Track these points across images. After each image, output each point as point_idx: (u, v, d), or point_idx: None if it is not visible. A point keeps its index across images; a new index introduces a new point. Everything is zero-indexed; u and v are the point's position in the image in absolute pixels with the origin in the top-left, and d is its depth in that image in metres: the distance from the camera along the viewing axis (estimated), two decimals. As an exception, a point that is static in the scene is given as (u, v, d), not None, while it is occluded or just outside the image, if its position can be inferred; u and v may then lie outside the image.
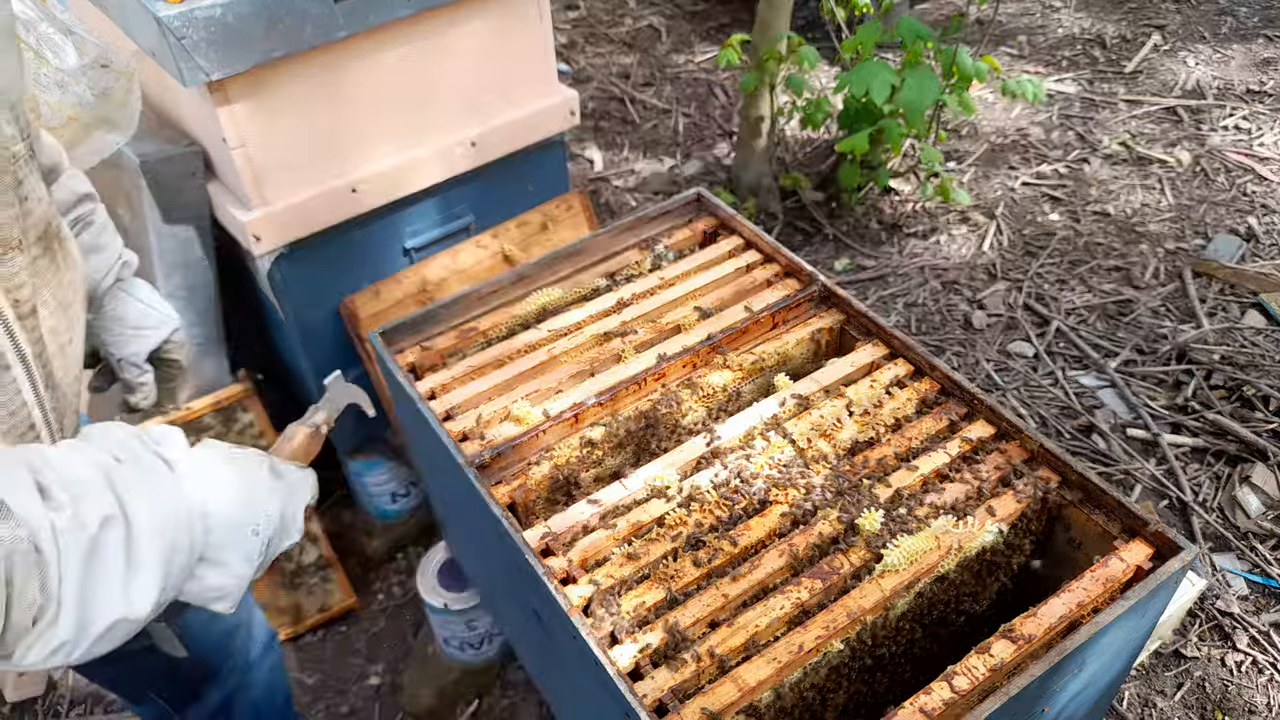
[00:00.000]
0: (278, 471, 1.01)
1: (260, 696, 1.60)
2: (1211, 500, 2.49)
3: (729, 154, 3.84)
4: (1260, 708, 2.10)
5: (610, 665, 1.15)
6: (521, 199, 2.33)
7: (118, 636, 0.80)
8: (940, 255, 3.35)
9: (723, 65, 3.27)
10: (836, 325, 1.68)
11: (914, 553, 1.28)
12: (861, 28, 3.17)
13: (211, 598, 0.93)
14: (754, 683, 1.17)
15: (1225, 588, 2.31)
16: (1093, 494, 1.36)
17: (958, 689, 1.14)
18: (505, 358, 1.62)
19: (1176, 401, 2.72)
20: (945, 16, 4.68)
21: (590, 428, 1.52)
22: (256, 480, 0.97)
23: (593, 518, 1.38)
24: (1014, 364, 2.93)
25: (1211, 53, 4.31)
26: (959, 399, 1.52)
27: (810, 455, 1.44)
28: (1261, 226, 3.35)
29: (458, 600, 2.07)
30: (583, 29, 4.72)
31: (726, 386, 1.57)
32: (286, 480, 1.01)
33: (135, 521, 0.80)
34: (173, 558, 0.83)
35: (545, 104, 2.22)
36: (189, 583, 0.89)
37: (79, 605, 0.76)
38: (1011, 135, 3.88)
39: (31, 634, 0.75)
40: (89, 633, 0.77)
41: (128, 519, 0.79)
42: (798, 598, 1.25)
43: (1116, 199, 3.54)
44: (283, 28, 1.74)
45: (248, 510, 0.93)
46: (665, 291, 1.73)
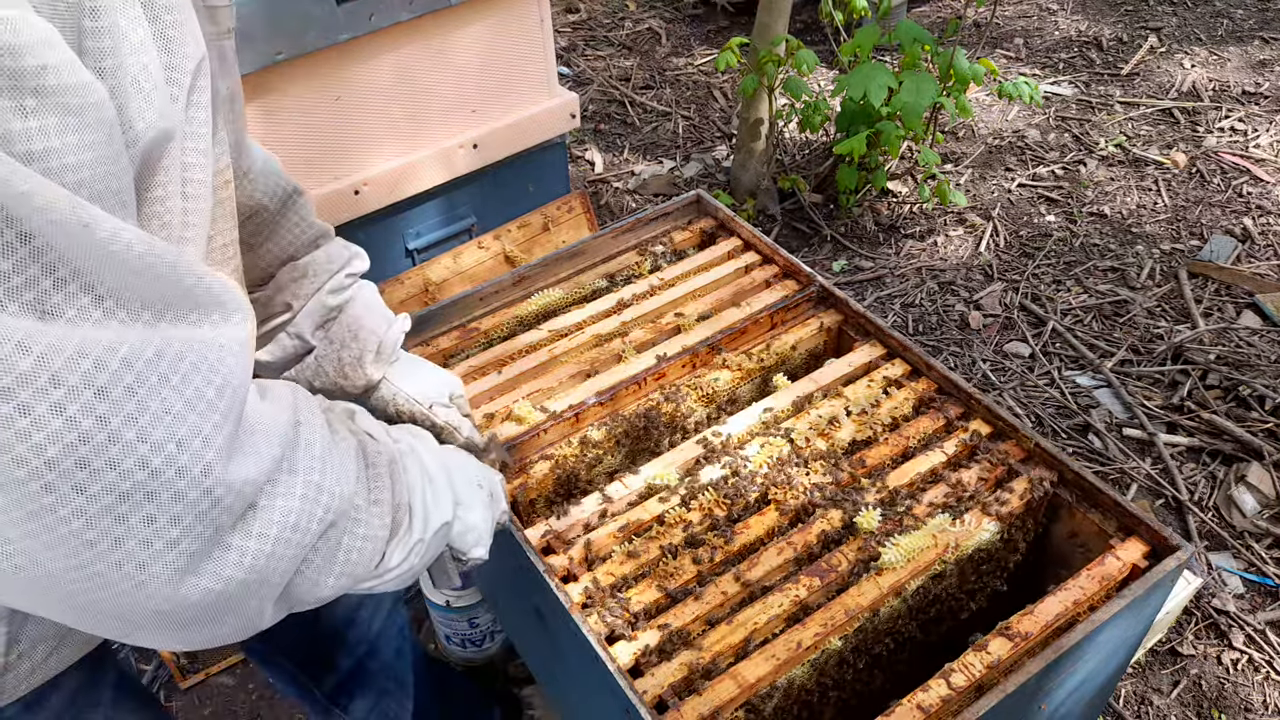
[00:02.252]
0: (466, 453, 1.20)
1: (390, 659, 1.64)
2: (1207, 499, 2.50)
3: (728, 156, 3.85)
4: (1256, 705, 2.12)
5: (611, 662, 1.17)
6: (523, 200, 2.34)
7: (438, 542, 1.00)
8: (937, 256, 3.36)
9: (722, 68, 3.28)
10: (834, 326, 1.70)
11: (911, 551, 1.29)
12: (859, 31, 3.18)
13: (473, 540, 1.09)
14: (753, 679, 1.18)
15: (1221, 586, 2.32)
16: (1089, 493, 1.37)
17: (955, 686, 1.15)
18: (506, 358, 1.64)
19: (1172, 401, 2.74)
20: (943, 19, 4.69)
21: (591, 427, 1.53)
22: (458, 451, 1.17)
23: (593, 516, 1.40)
24: (1010, 364, 2.94)
25: (1207, 55, 4.32)
26: (956, 399, 1.53)
27: (808, 454, 1.46)
28: (1257, 227, 3.37)
29: (459, 597, 2.08)
30: (583, 32, 4.73)
31: (725, 386, 1.59)
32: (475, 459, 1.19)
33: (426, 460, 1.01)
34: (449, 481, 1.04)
35: (546, 106, 2.24)
36: (456, 523, 1.05)
37: (423, 509, 0.96)
38: (1008, 137, 3.90)
39: (398, 535, 0.92)
40: (428, 532, 0.96)
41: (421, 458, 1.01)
42: (796, 595, 1.26)
43: (1112, 200, 3.55)
44: (285, 30, 1.75)
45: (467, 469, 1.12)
46: (665, 292, 1.74)
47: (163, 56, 0.73)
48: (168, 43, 0.73)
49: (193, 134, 0.79)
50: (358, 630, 1.58)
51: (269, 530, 0.73)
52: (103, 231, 0.61)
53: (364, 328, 1.27)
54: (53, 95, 0.59)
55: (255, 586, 0.74)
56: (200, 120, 0.80)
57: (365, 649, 1.60)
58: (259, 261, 1.24)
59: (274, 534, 0.74)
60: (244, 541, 0.72)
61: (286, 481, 0.76)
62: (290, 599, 0.82)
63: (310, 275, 1.24)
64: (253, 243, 1.22)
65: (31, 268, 0.57)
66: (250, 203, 1.19)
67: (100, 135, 0.62)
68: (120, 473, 0.62)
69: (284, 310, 1.25)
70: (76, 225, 0.59)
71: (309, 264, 1.25)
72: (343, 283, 1.27)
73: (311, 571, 0.81)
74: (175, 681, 2.23)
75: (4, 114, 0.57)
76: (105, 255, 0.61)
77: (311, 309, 1.25)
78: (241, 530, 0.71)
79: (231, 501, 0.69)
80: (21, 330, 0.57)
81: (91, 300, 0.61)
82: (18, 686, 0.95)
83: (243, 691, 2.24)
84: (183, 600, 0.69)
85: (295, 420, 0.80)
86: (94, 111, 0.62)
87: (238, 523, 0.71)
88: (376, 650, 1.61)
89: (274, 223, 1.22)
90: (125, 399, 0.62)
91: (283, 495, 0.75)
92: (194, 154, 0.79)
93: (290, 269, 1.24)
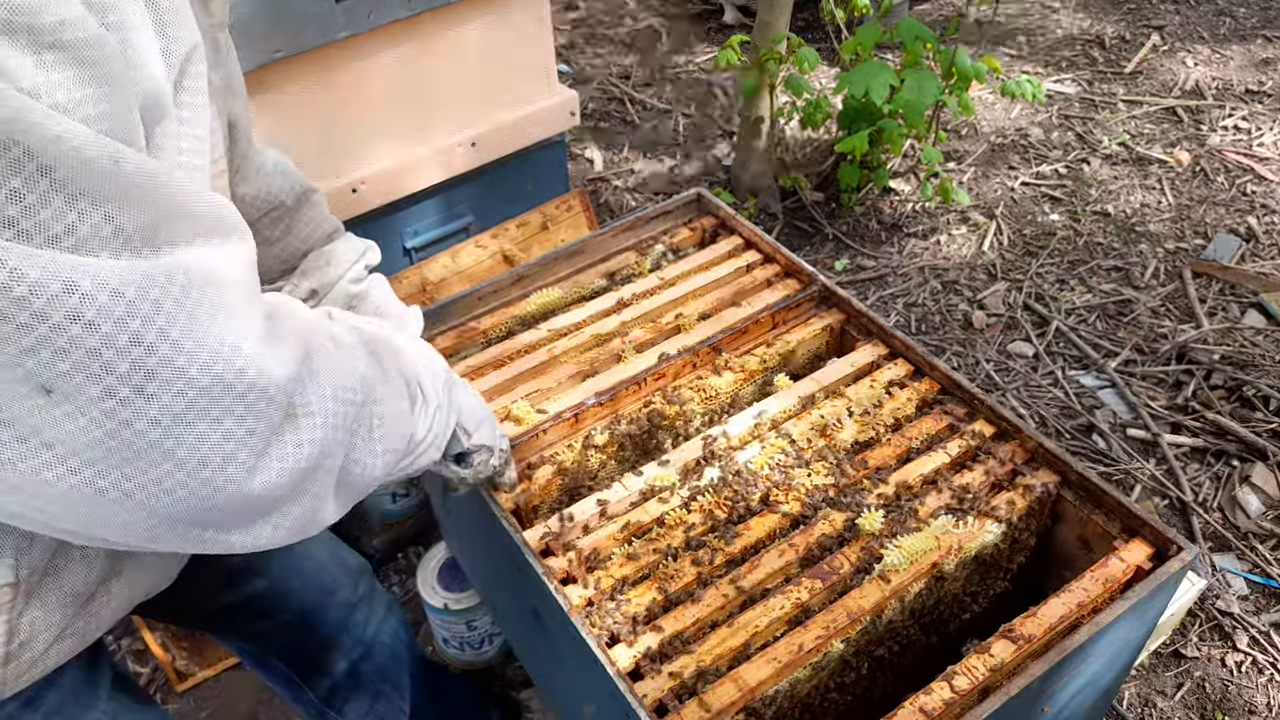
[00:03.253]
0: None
1: (385, 662, 1.65)
2: (1211, 500, 2.49)
3: (729, 154, 3.84)
4: (1260, 708, 2.10)
5: (610, 665, 1.16)
6: (521, 199, 2.33)
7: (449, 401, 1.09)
8: (940, 255, 3.35)
9: (722, 66, 3.27)
10: (836, 325, 1.68)
11: (914, 553, 1.28)
12: (861, 28, 3.17)
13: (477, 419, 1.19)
14: (754, 683, 1.17)
15: (1225, 588, 2.31)
16: (1093, 494, 1.36)
17: (958, 689, 1.14)
18: (505, 358, 1.63)
19: (1176, 401, 2.72)
20: (945, 17, 4.68)
21: (590, 428, 1.52)
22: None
23: (593, 518, 1.38)
24: (1014, 364, 2.93)
25: (1210, 53, 4.31)
26: (959, 399, 1.52)
27: (810, 455, 1.44)
28: (1261, 226, 3.35)
29: (458, 600, 2.07)
30: (583, 30, 4.72)
31: (727, 387, 1.57)
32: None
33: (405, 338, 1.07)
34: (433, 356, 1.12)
35: (545, 104, 2.23)
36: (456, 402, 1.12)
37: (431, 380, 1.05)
38: (1011, 135, 3.88)
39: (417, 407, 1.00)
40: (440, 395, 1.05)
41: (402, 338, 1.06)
42: (798, 598, 1.25)
43: (1116, 199, 3.54)
44: (284, 28, 1.74)
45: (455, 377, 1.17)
46: (665, 291, 1.73)
47: (158, 39, 0.75)
48: (163, 26, 0.75)
49: (186, 119, 0.80)
50: (351, 633, 1.57)
51: (315, 419, 0.79)
52: (130, 165, 0.64)
53: (385, 315, 1.34)
54: (71, 49, 0.61)
55: (314, 475, 0.80)
56: (195, 105, 0.82)
57: (359, 652, 1.59)
58: (279, 254, 1.30)
59: (319, 420, 0.79)
60: (295, 433, 0.77)
61: (313, 374, 0.80)
62: (347, 487, 0.88)
63: (334, 264, 1.31)
64: (270, 236, 1.28)
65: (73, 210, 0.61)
66: (269, 198, 1.25)
67: (115, 88, 0.65)
68: (188, 379, 0.67)
69: (310, 297, 1.32)
70: (108, 162, 0.62)
71: (332, 252, 1.32)
72: (361, 273, 1.34)
73: (358, 454, 0.87)
74: (171, 685, 2.22)
75: (28, 69, 0.59)
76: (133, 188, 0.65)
77: (335, 296, 1.32)
78: (291, 424, 0.77)
79: (280, 397, 0.75)
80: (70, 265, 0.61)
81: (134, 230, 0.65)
82: (19, 678, 0.95)
83: (240, 694, 2.23)
84: (254, 492, 0.74)
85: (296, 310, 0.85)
86: (109, 65, 0.64)
87: (287, 418, 0.77)
88: (371, 653, 1.61)
89: (291, 218, 1.28)
90: (177, 312, 0.66)
91: (314, 389, 0.80)
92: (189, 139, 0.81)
93: (315, 256, 1.31)
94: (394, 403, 0.94)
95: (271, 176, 1.25)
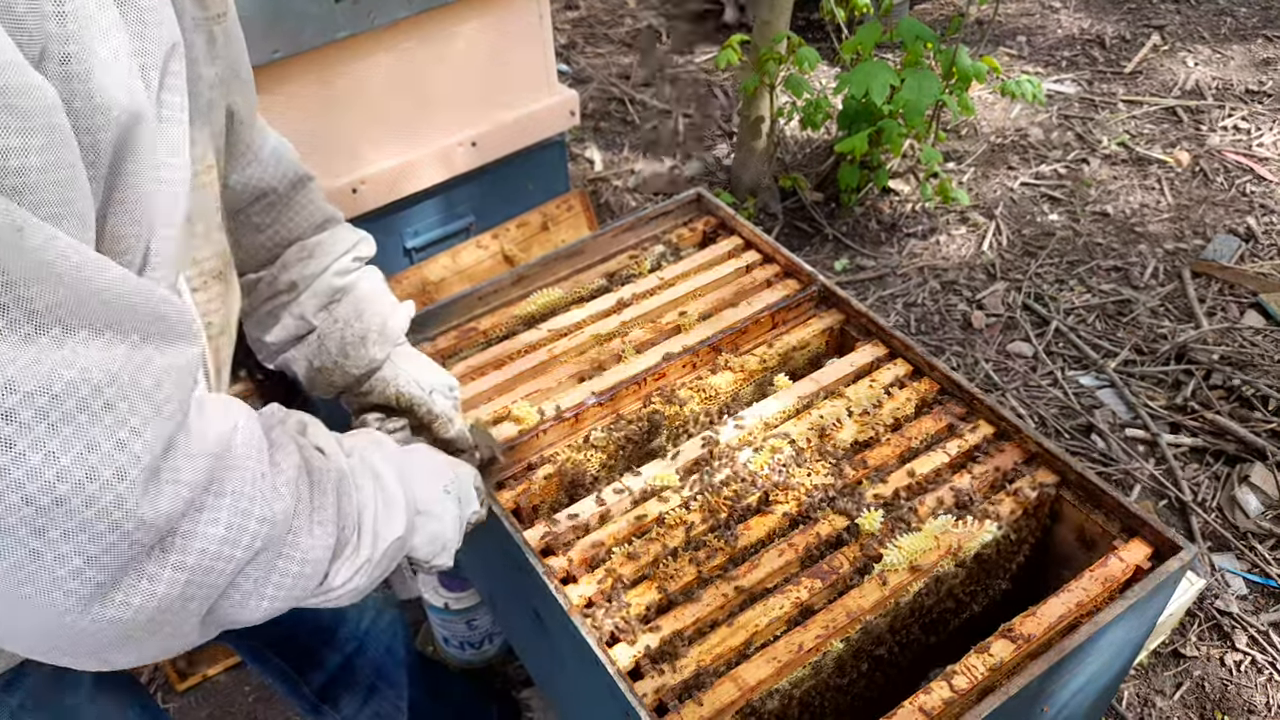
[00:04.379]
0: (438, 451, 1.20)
1: (380, 655, 1.64)
2: (1210, 500, 2.49)
3: (729, 154, 3.84)
4: (1259, 707, 2.11)
5: (610, 665, 1.16)
6: (522, 199, 2.33)
7: (389, 560, 0.97)
8: (939, 255, 3.35)
9: (722, 66, 3.27)
10: (836, 325, 1.69)
11: (914, 552, 1.28)
12: (861, 28, 3.17)
13: (435, 548, 1.09)
14: (754, 682, 1.17)
15: (1224, 587, 2.31)
16: (1092, 494, 1.36)
17: (957, 688, 1.14)
18: (505, 358, 1.63)
19: (1175, 401, 2.72)
20: (945, 17, 4.68)
21: (590, 428, 1.52)
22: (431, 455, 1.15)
23: (593, 518, 1.39)
24: (1013, 364, 2.93)
25: (1211, 53, 4.31)
26: (958, 399, 1.52)
27: (810, 455, 1.44)
28: (1260, 226, 3.35)
29: (458, 599, 2.08)
30: (583, 29, 4.72)
31: (726, 386, 1.58)
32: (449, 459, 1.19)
33: (381, 470, 0.98)
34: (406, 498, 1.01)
35: (545, 104, 2.23)
36: (415, 536, 1.05)
37: (373, 529, 0.94)
38: (1011, 135, 3.88)
39: (344, 555, 0.91)
40: (377, 551, 0.94)
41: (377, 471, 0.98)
42: (797, 597, 1.25)
43: (1116, 199, 3.54)
44: (283, 28, 1.74)
45: (434, 474, 1.10)
46: (665, 292, 1.73)
47: (134, 41, 0.71)
48: (142, 26, 0.72)
49: (167, 119, 0.78)
50: (346, 627, 1.58)
51: (186, 559, 0.71)
52: (36, 239, 0.57)
53: (369, 308, 1.27)
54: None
55: (171, 614, 0.72)
56: (175, 105, 0.78)
57: (354, 646, 1.59)
58: (266, 243, 1.24)
59: (191, 563, 0.71)
60: (158, 571, 0.69)
61: (213, 506, 0.73)
62: (219, 619, 0.80)
63: (317, 256, 1.25)
64: (260, 223, 1.23)
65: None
66: (260, 184, 1.19)
67: (48, 140, 0.59)
68: (25, 497, 0.60)
69: (288, 290, 1.25)
70: (10, 230, 0.56)
71: (316, 245, 1.25)
72: (349, 265, 1.27)
73: (240, 595, 0.79)
74: (172, 683, 2.23)
75: None
76: (36, 264, 0.58)
77: (317, 289, 1.25)
78: (156, 560, 0.69)
79: (143, 535, 0.67)
80: None
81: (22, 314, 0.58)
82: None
83: (239, 693, 2.23)
84: (91, 627, 0.67)
85: (230, 442, 0.77)
86: (43, 116, 0.59)
87: (152, 552, 0.68)
88: (365, 648, 1.61)
89: (282, 205, 1.23)
90: (35, 422, 0.59)
91: (206, 523, 0.72)
92: (169, 140, 0.78)
93: (298, 249, 1.24)
94: (309, 549, 0.85)
95: (266, 163, 1.19)
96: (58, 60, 0.62)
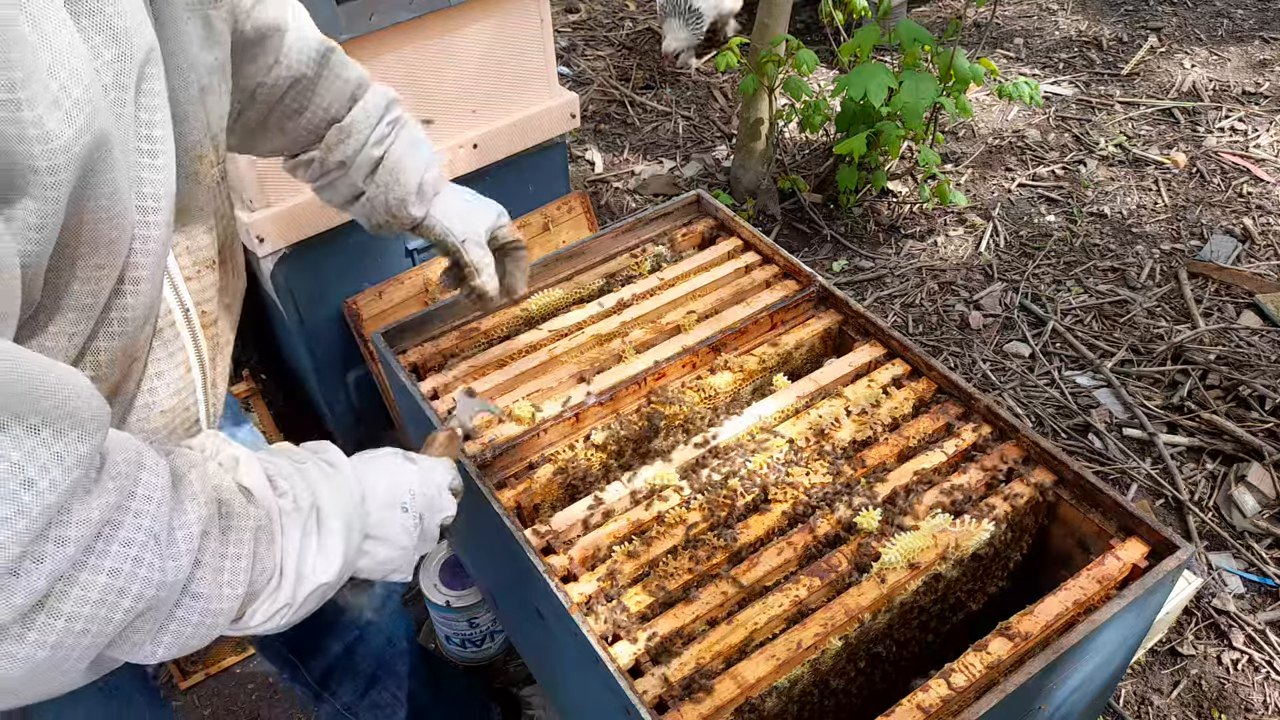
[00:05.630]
0: (411, 458, 1.16)
1: (381, 644, 1.67)
2: (1207, 499, 2.50)
3: (728, 156, 3.85)
4: (1256, 705, 2.12)
5: (610, 662, 1.17)
6: (522, 201, 2.34)
7: (314, 601, 0.95)
8: (937, 256, 3.36)
9: (722, 68, 3.28)
10: (834, 326, 1.70)
11: (911, 551, 1.29)
12: (859, 31, 3.18)
13: (387, 570, 1.08)
14: (753, 680, 1.18)
15: (1221, 586, 2.32)
16: (1089, 493, 1.37)
17: (955, 686, 1.15)
18: (506, 358, 1.64)
19: (1172, 401, 2.74)
20: (943, 19, 4.69)
21: (591, 428, 1.53)
22: (395, 468, 1.12)
23: (594, 516, 1.39)
24: (1010, 364, 2.94)
25: (1208, 55, 4.32)
26: (956, 399, 1.53)
27: (809, 455, 1.45)
28: (1257, 227, 3.37)
29: (460, 598, 2.09)
30: (583, 32, 4.73)
31: (726, 386, 1.59)
32: (420, 465, 1.16)
33: (324, 507, 0.96)
34: (349, 536, 0.98)
35: (546, 106, 2.24)
36: (363, 559, 1.04)
37: (296, 573, 0.92)
38: (1008, 137, 3.90)
39: (261, 598, 0.90)
40: (299, 595, 0.92)
41: (318, 506, 0.95)
42: (796, 595, 1.26)
43: (1113, 200, 3.55)
44: (285, 31, 1.75)
45: (393, 491, 1.08)
46: (665, 292, 1.74)
47: (106, 49, 0.72)
48: (113, 34, 0.73)
49: (146, 121, 0.79)
50: (349, 615, 1.60)
51: (47, 638, 0.69)
52: None
53: (404, 171, 1.36)
54: None
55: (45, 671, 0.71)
56: (154, 107, 0.81)
57: (355, 634, 1.61)
58: (306, 125, 1.31)
59: (53, 640, 0.69)
60: (14, 647, 0.68)
61: (93, 566, 0.71)
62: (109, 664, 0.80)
63: (353, 134, 1.32)
64: (298, 107, 1.28)
65: None
66: (290, 75, 1.25)
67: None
68: None
69: (338, 167, 1.35)
70: None
71: (351, 124, 1.32)
72: (383, 133, 1.34)
73: (129, 646, 0.78)
74: (175, 682, 2.23)
75: None
76: None
77: (359, 163, 1.34)
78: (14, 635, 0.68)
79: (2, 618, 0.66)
80: None
81: None
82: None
83: (242, 692, 2.24)
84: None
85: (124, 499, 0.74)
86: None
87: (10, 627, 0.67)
88: (366, 636, 1.63)
89: (313, 88, 1.28)
90: None
91: (77, 592, 0.70)
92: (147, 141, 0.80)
93: (336, 132, 1.32)
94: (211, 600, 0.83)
95: (290, 57, 1.23)
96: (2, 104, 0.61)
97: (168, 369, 0.97)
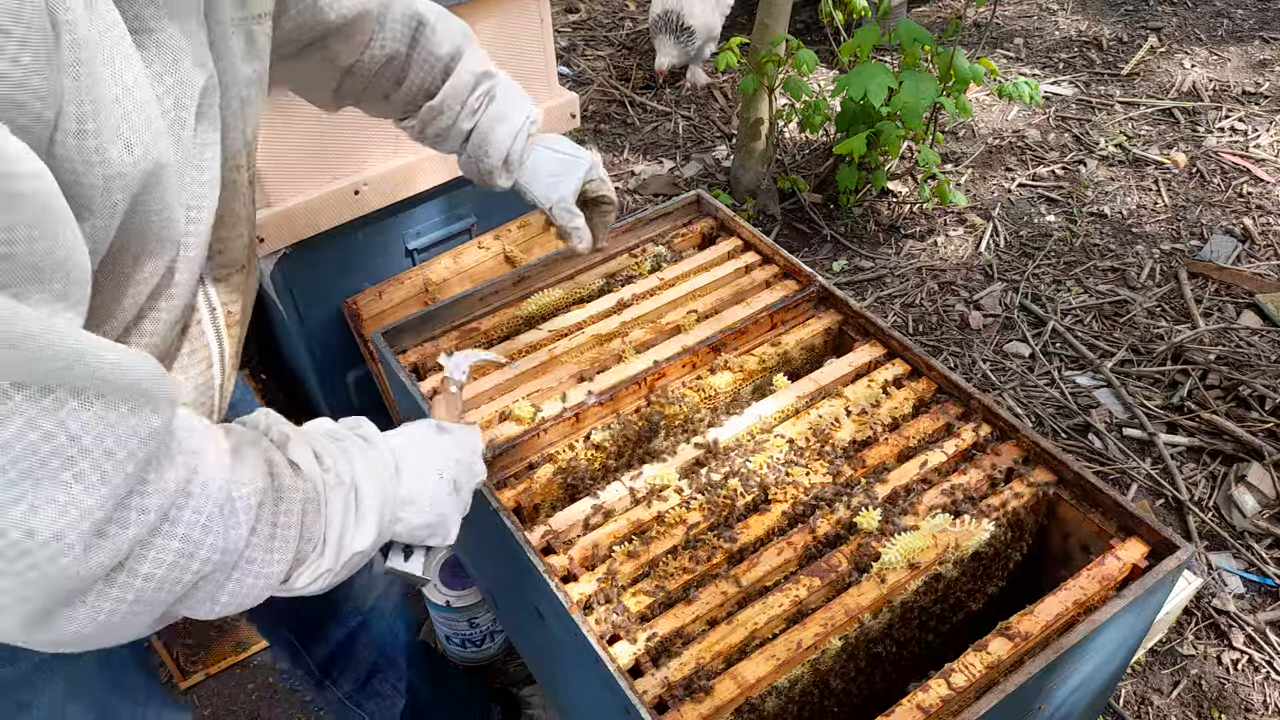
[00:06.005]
0: (444, 428, 1.20)
1: (382, 634, 1.69)
2: (1207, 499, 2.51)
3: (728, 156, 3.85)
4: (1256, 705, 2.12)
5: (611, 662, 1.17)
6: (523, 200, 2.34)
7: (353, 565, 1.02)
8: (937, 256, 3.36)
9: (722, 69, 3.28)
10: (834, 326, 1.70)
11: (911, 551, 1.29)
12: (859, 31, 3.18)
13: (424, 535, 1.13)
14: (753, 680, 1.18)
15: (1221, 586, 2.32)
16: (1089, 493, 1.37)
17: (955, 686, 1.15)
18: (507, 358, 1.64)
19: (1172, 401, 2.74)
20: (943, 19, 4.69)
21: (591, 428, 1.53)
22: (429, 439, 1.17)
23: (594, 516, 1.40)
24: (1010, 364, 2.94)
25: (1208, 55, 4.33)
26: (956, 399, 1.53)
27: (809, 454, 1.45)
28: (1257, 227, 3.37)
29: (460, 597, 2.09)
30: (583, 32, 4.74)
31: (726, 386, 1.59)
32: (454, 434, 1.20)
33: (360, 480, 1.01)
34: (382, 508, 1.03)
35: (546, 106, 2.24)
36: (398, 525, 1.09)
37: (338, 542, 0.98)
38: (1008, 137, 3.90)
39: (307, 563, 0.96)
40: (340, 561, 0.99)
41: (356, 479, 1.01)
42: (796, 595, 1.26)
43: (1113, 200, 3.56)
44: (285, 31, 1.75)
45: (428, 460, 1.13)
46: (665, 292, 1.74)
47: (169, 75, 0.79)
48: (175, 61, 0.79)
49: (200, 143, 0.86)
50: (351, 603, 1.61)
51: (127, 595, 0.76)
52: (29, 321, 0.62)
53: (491, 144, 1.44)
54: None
55: (116, 628, 0.77)
56: (207, 130, 0.87)
57: (357, 621, 1.63)
58: (402, 98, 1.38)
59: (132, 597, 0.76)
60: (99, 602, 0.74)
61: (167, 532, 0.78)
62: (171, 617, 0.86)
63: (445, 110, 1.40)
64: (394, 81, 1.35)
65: None
66: (385, 53, 1.31)
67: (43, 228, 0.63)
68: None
69: (434, 139, 1.44)
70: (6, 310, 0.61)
71: (442, 102, 1.39)
72: (473, 106, 1.42)
73: (193, 602, 0.85)
74: (175, 682, 2.23)
75: None
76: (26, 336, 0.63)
77: (453, 136, 1.43)
78: (98, 591, 0.74)
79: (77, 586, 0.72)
80: None
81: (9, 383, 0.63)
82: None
83: (242, 691, 2.24)
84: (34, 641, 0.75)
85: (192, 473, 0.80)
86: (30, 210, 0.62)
87: (96, 584, 0.73)
88: (369, 624, 1.65)
89: (406, 65, 1.35)
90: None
91: (154, 555, 0.77)
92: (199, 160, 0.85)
93: (428, 110, 1.39)
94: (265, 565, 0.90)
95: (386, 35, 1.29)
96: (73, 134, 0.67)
97: (191, 364, 1.02)
